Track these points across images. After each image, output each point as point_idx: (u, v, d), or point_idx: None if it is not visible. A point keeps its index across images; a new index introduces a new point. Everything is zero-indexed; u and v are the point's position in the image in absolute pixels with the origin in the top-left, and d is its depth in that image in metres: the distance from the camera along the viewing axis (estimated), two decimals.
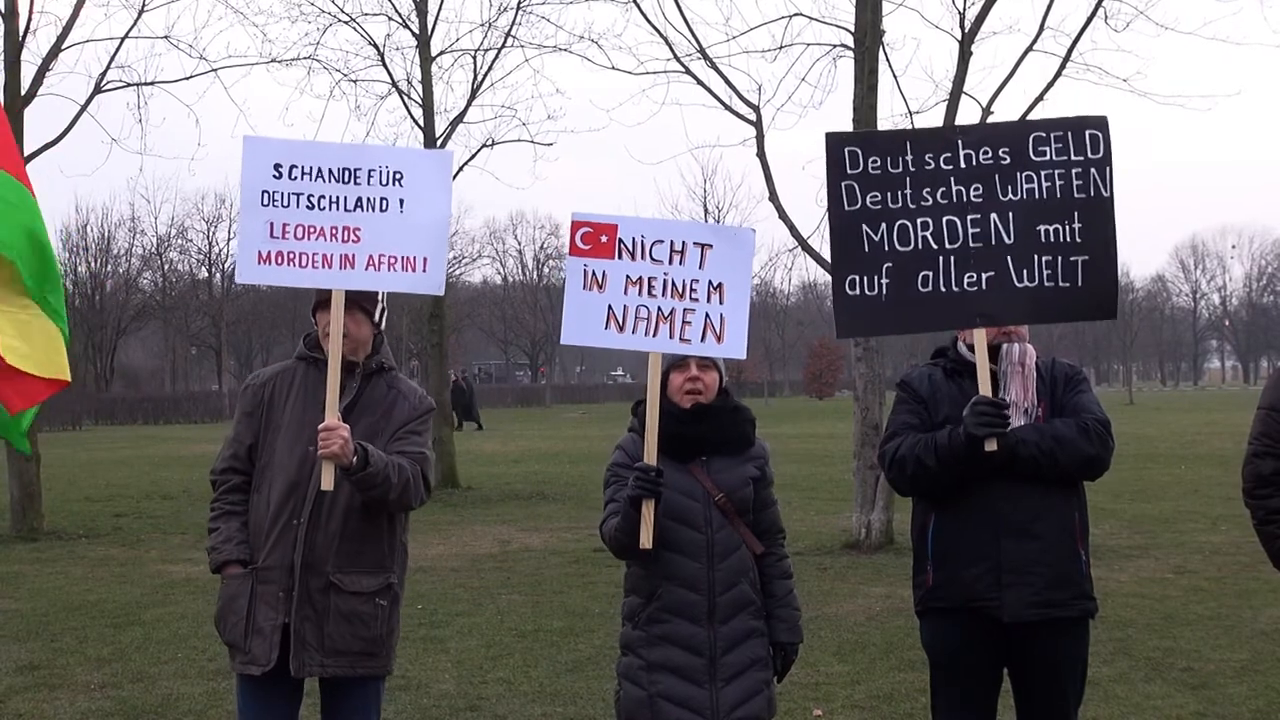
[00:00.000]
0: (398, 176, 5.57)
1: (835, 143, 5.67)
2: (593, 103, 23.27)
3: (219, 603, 5.66)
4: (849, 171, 5.61)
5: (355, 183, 5.56)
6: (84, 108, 20.06)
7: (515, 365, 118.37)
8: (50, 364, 5.90)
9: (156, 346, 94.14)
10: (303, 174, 5.54)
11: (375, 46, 24.87)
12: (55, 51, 19.38)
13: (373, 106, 40.62)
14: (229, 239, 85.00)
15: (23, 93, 19.08)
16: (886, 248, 5.56)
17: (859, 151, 5.62)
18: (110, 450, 41.42)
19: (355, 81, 25.23)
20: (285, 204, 5.52)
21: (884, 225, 5.57)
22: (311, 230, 5.52)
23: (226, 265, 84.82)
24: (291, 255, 5.51)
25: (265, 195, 5.52)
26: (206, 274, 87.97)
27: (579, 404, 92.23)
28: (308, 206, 5.53)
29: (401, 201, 5.56)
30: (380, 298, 5.74)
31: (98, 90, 20.12)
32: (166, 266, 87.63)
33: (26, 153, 19.11)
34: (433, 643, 10.64)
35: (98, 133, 20.66)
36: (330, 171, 5.55)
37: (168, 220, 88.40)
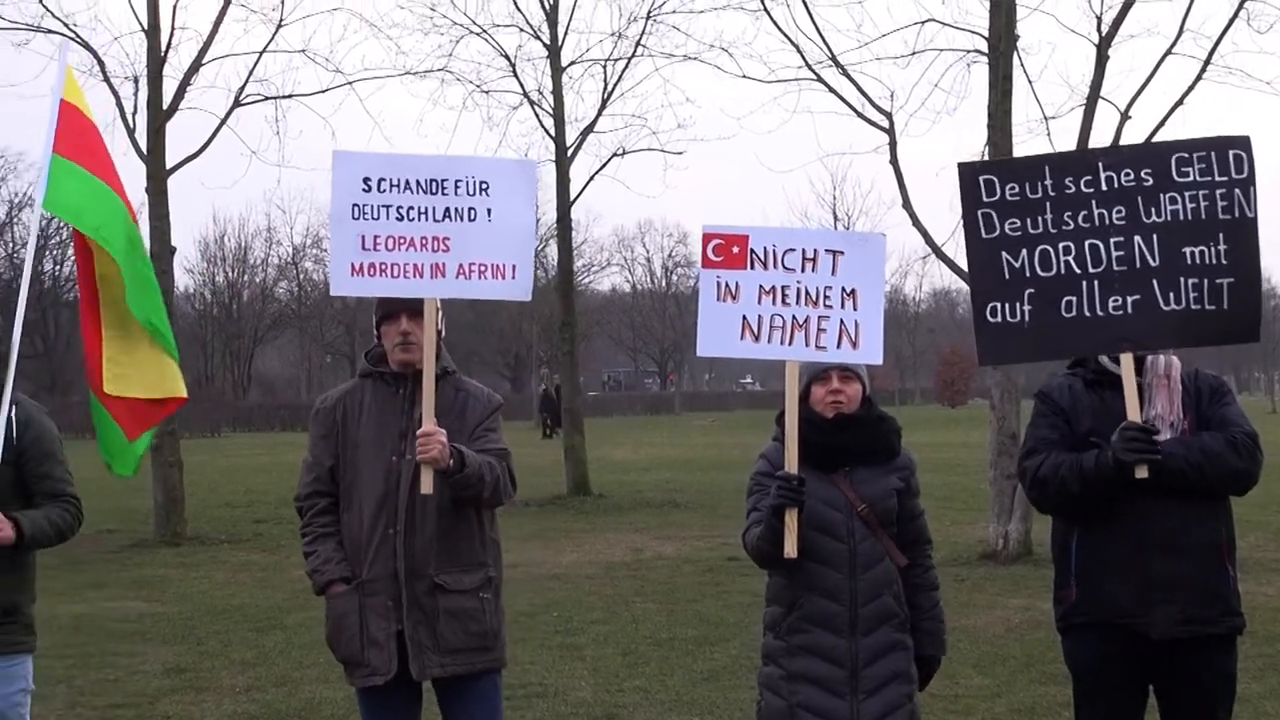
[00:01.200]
0: (484, 186, 5.62)
1: (969, 172, 5.60)
2: (723, 111, 23.29)
3: (328, 623, 5.71)
4: (985, 199, 5.54)
5: (443, 193, 5.61)
6: (223, 121, 20.52)
7: (644, 373, 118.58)
8: (160, 385, 6.06)
9: (292, 354, 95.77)
10: (391, 186, 5.60)
11: (507, 58, 25.14)
12: (196, 66, 19.87)
13: (504, 117, 40.94)
14: None
15: (165, 107, 19.57)
16: (1028, 274, 5.48)
17: (995, 180, 5.55)
18: (248, 457, 42.24)
19: (487, 93, 25.49)
20: (375, 216, 5.58)
21: (1024, 251, 5.49)
22: (402, 241, 5.58)
23: None
24: (383, 266, 5.56)
25: (355, 208, 5.59)
26: None
27: (708, 411, 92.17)
28: (397, 218, 5.58)
29: (489, 210, 5.61)
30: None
31: (237, 104, 20.56)
32: (301, 276, 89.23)
33: (168, 165, 19.59)
34: (568, 650, 10.70)
35: (237, 145, 21.27)
36: (418, 183, 5.61)
37: (303, 230, 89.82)
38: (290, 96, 21.47)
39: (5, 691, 5.51)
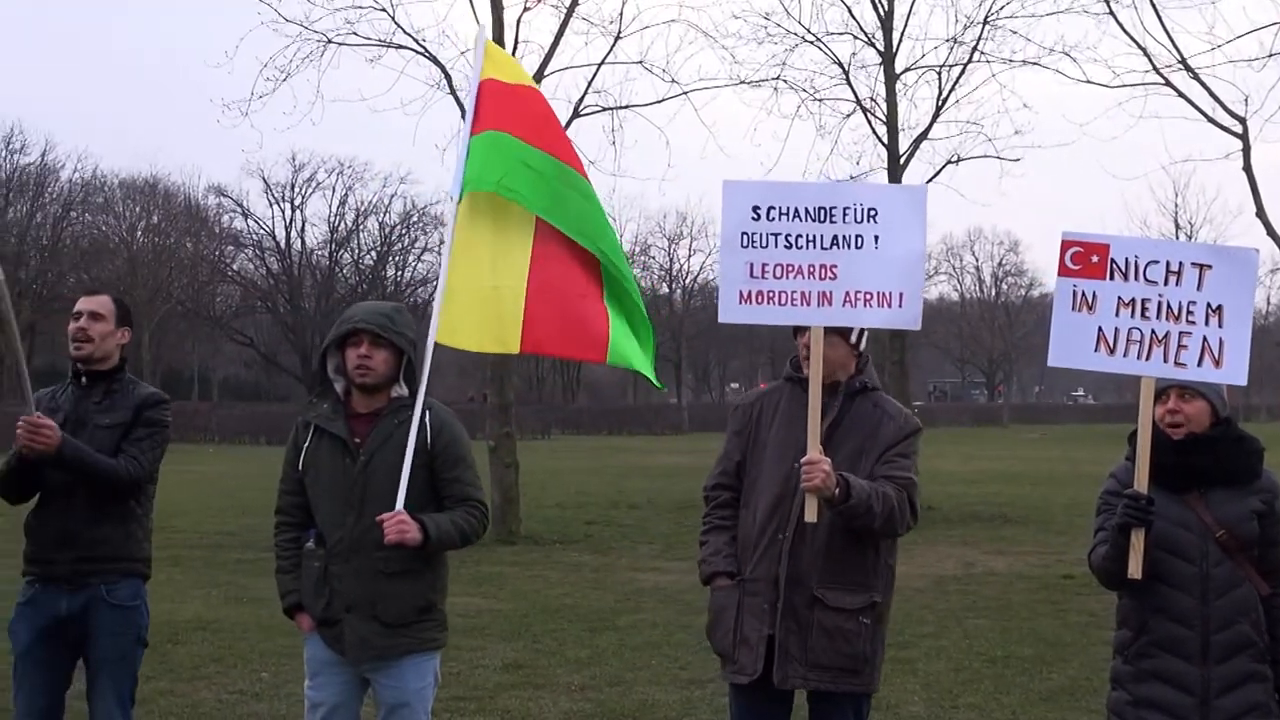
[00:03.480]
0: (872, 213, 5.57)
1: None
2: (1064, 117, 22.64)
3: (709, 614, 5.80)
4: None
5: (831, 221, 5.58)
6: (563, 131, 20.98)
7: (971, 384, 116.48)
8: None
9: None
10: (780, 214, 5.60)
11: (840, 65, 25.01)
12: (537, 78, 20.40)
13: (837, 125, 40.51)
14: (689, 255, 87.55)
15: None
16: None
17: None
18: (577, 459, 43.21)
19: (820, 100, 25.39)
20: (764, 244, 5.60)
21: None
22: (790, 269, 5.58)
23: (687, 281, 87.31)
24: (771, 294, 5.58)
25: (744, 236, 5.62)
26: (667, 290, 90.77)
27: (1037, 424, 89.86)
28: (785, 246, 5.59)
29: (876, 238, 5.55)
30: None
31: (576, 114, 21.06)
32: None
33: None
34: (901, 664, 10.54)
35: None
36: (806, 211, 5.59)
37: (631, 238, 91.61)
38: (627, 107, 21.89)
39: (417, 685, 5.69)
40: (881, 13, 24.70)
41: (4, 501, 6.16)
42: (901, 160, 24.88)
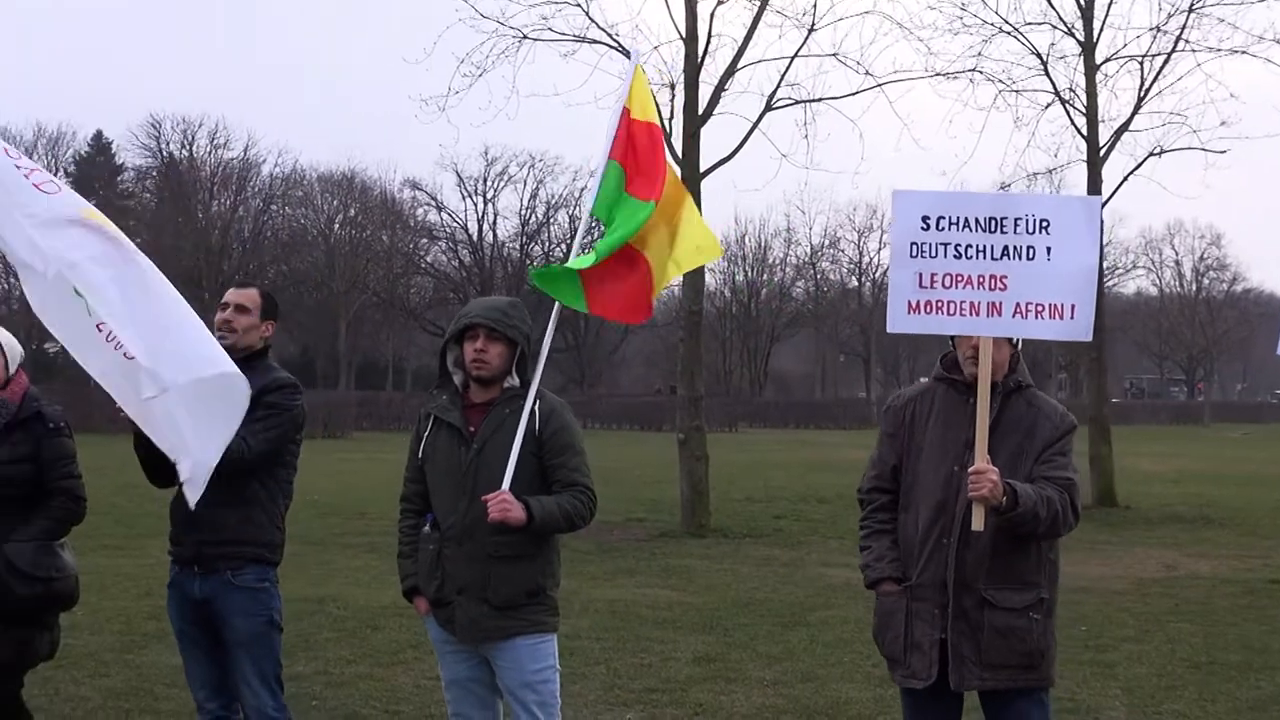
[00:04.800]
0: (1045, 224, 5.54)
1: None
2: (1276, 107, 21.85)
3: (876, 618, 5.83)
4: None
5: (1002, 231, 5.56)
6: (755, 125, 20.95)
7: (1170, 380, 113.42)
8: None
9: (807, 353, 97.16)
10: (950, 224, 5.59)
11: (1038, 56, 24.57)
12: (730, 72, 20.40)
13: (1034, 117, 39.76)
14: (879, 249, 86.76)
15: (700, 112, 20.19)
16: None
17: None
18: (765, 453, 43.13)
19: (1017, 92, 24.97)
20: (933, 254, 5.60)
21: None
22: (959, 279, 5.57)
23: (876, 275, 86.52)
24: (939, 304, 5.58)
25: (914, 247, 5.62)
26: (856, 283, 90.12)
27: (1240, 423, 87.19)
28: (955, 256, 5.58)
29: (1049, 249, 5.53)
30: None
31: (769, 108, 20.97)
32: (819, 276, 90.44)
33: (702, 169, 20.20)
34: (1100, 667, 10.29)
35: (766, 148, 21.62)
36: (977, 221, 5.58)
37: (821, 231, 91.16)
38: (820, 100, 21.72)
39: (533, 667, 5.80)
40: (1082, 2, 24.16)
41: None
42: (1101, 153, 24.34)
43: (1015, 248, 5.55)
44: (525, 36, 21.14)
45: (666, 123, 20.36)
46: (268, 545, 6.24)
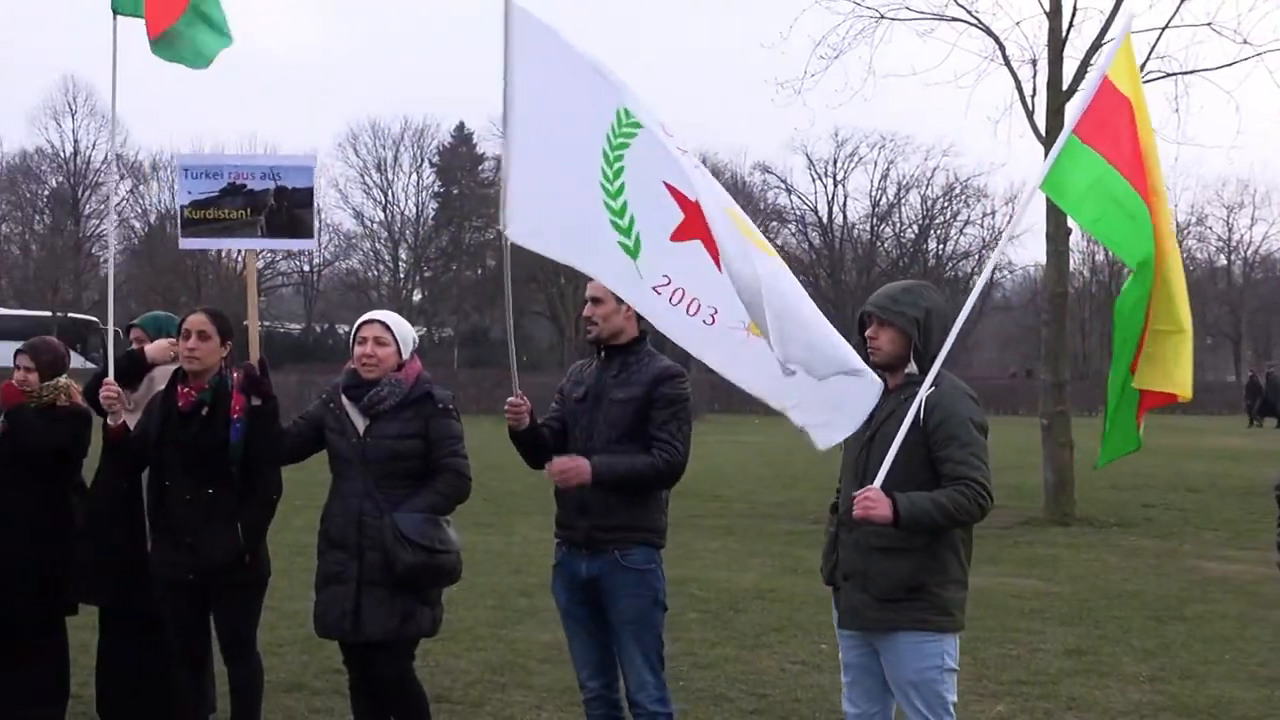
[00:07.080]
0: None
1: None
2: None
3: None
4: None
5: None
6: None
7: None
8: (1171, 379, 5.91)
9: None
10: None
11: None
12: (1096, 45, 19.66)
13: None
14: (1250, 225, 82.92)
15: (1064, 88, 19.60)
16: None
17: None
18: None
19: None
20: None
21: None
22: None
23: (1247, 253, 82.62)
24: None
25: None
26: (1225, 261, 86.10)
27: None
28: None
29: None
30: None
31: None
32: (1185, 254, 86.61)
33: None
34: None
35: None
36: None
37: (1186, 207, 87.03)
38: (1193, 72, 20.79)
39: (917, 666, 5.61)
40: None
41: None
42: None
43: None
44: (883, 16, 21.00)
45: (1029, 100, 19.89)
46: (656, 530, 6.38)
